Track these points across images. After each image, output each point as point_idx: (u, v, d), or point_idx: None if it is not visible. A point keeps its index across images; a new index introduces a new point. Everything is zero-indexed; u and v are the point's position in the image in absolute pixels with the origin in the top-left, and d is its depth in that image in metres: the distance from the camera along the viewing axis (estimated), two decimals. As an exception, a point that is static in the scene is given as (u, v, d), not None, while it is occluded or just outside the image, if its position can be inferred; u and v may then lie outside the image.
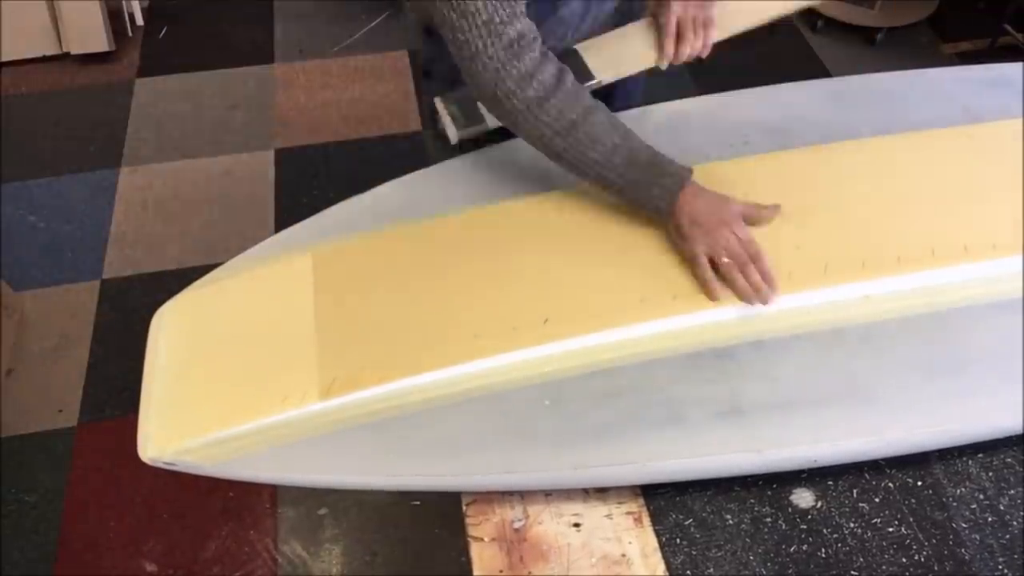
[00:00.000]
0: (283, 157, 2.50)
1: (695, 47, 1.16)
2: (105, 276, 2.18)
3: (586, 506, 0.93)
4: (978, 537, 0.89)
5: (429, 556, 1.67)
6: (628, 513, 0.92)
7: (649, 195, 0.97)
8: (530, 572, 0.88)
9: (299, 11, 3.06)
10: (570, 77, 0.99)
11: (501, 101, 0.96)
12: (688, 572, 0.88)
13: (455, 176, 1.16)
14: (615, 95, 1.26)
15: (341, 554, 1.68)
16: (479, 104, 1.09)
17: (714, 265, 0.95)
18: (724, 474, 0.92)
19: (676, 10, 1.17)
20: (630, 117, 1.21)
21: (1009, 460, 0.95)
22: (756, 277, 0.93)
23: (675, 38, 1.16)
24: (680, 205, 0.96)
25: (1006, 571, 0.87)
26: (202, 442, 0.90)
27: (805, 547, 0.89)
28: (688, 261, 0.97)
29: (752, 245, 0.95)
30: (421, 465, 0.89)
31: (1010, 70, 1.25)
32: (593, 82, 1.16)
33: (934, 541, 0.89)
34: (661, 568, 0.88)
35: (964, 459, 0.95)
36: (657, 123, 1.21)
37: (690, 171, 0.98)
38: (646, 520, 0.91)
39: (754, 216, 0.99)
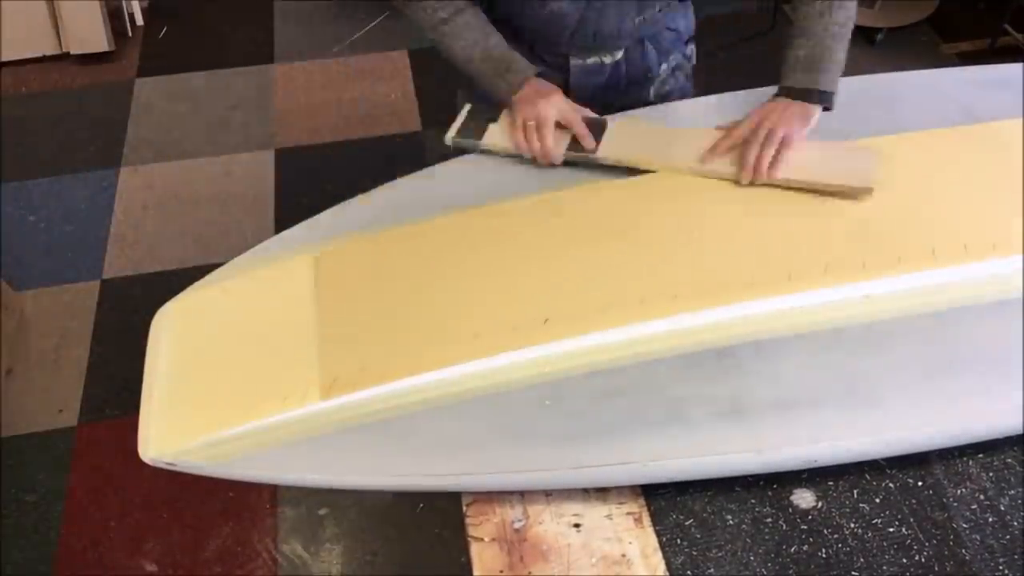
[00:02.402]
0: (283, 157, 2.50)
1: (761, 162, 1.05)
2: (105, 276, 2.18)
3: (586, 506, 0.92)
4: (979, 537, 0.89)
5: (429, 556, 1.67)
6: (628, 513, 0.92)
7: (496, 87, 1.16)
8: (530, 572, 0.88)
9: (299, 11, 3.06)
10: None
11: None
12: (689, 572, 0.87)
13: (455, 176, 1.16)
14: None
15: (341, 554, 1.68)
16: (483, 128, 1.20)
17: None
18: (724, 474, 0.92)
19: (754, 116, 1.10)
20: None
21: (1009, 460, 0.95)
22: (536, 143, 1.12)
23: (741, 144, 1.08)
24: (518, 94, 1.15)
25: (1006, 571, 0.87)
26: (202, 442, 0.90)
27: (806, 547, 0.89)
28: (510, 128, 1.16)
29: (544, 120, 1.12)
30: (421, 465, 0.89)
31: (1010, 70, 1.25)
32: (587, 153, 1.11)
33: (935, 541, 0.89)
34: (661, 568, 0.88)
35: (964, 459, 0.95)
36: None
37: (536, 72, 1.17)
38: (646, 520, 0.91)
39: (569, 119, 1.14)
